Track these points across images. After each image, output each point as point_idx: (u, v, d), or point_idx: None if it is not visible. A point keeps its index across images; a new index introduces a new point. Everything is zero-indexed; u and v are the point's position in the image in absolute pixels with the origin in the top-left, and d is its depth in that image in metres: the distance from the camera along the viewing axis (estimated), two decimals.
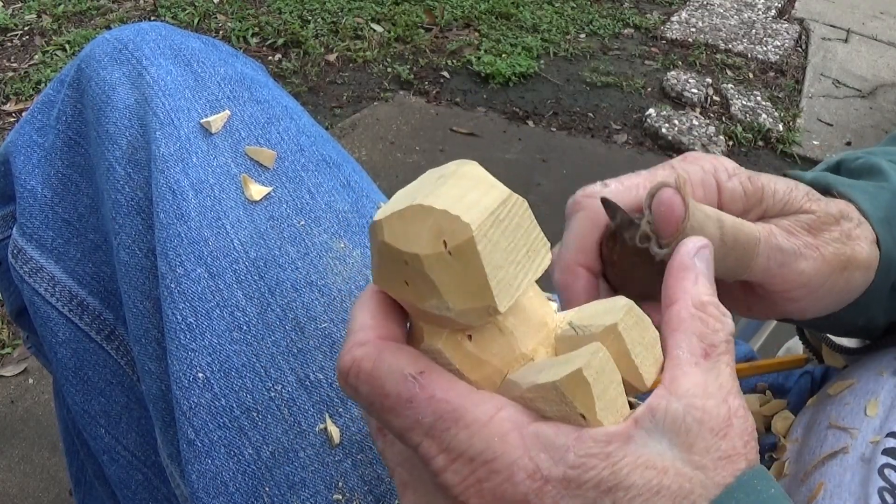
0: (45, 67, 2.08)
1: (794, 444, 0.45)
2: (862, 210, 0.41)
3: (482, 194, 0.28)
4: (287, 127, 0.54)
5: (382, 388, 0.29)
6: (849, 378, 0.46)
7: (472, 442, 0.28)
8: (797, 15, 3.05)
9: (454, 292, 0.28)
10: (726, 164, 0.38)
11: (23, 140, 0.59)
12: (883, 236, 0.40)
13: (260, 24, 2.41)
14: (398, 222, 0.28)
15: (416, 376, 0.28)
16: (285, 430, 0.44)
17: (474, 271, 0.27)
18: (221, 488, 0.44)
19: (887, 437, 0.40)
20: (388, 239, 0.28)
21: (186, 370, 0.45)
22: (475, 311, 0.28)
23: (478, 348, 0.30)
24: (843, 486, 0.39)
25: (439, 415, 0.28)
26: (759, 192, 0.38)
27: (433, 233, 0.27)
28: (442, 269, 0.27)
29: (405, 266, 0.28)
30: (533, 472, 0.27)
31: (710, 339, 0.30)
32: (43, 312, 0.56)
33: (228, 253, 0.48)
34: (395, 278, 0.29)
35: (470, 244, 0.27)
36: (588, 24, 2.77)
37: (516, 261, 0.29)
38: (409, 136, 2.04)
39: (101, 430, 0.56)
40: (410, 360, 0.29)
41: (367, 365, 0.29)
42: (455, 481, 0.28)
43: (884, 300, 0.43)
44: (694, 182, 0.37)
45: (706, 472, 0.28)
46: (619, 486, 0.27)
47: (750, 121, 2.25)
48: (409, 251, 0.28)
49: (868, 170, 0.45)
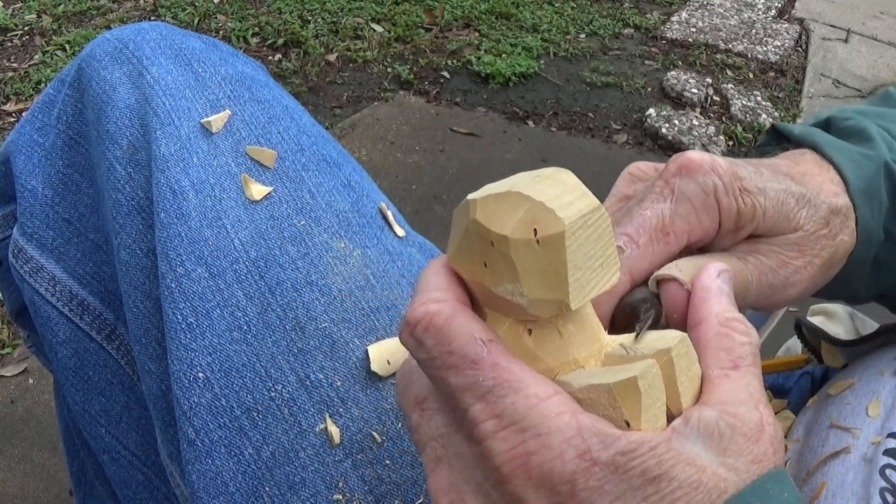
0: (45, 67, 2.08)
1: (796, 445, 0.45)
2: (844, 177, 0.41)
3: (576, 198, 0.30)
4: (287, 126, 0.54)
5: (450, 344, 0.29)
6: (849, 378, 0.46)
7: (529, 413, 0.28)
8: (797, 15, 3.05)
9: (532, 280, 0.29)
10: (722, 174, 0.38)
11: (23, 140, 0.59)
12: (861, 208, 0.41)
13: (260, 24, 2.41)
14: (493, 204, 0.29)
15: (486, 342, 0.29)
16: (285, 430, 0.44)
17: (557, 264, 0.29)
18: (222, 488, 0.44)
19: (888, 438, 0.40)
20: (480, 217, 0.29)
21: (187, 370, 0.45)
22: (547, 302, 0.29)
23: (535, 344, 0.31)
24: (846, 485, 0.39)
25: (500, 381, 0.28)
26: (751, 213, 0.38)
27: (526, 220, 0.29)
28: (527, 255, 0.29)
29: (489, 247, 0.29)
30: (584, 452, 0.27)
31: (737, 352, 0.31)
32: (43, 312, 0.56)
33: (229, 252, 0.48)
34: (475, 259, 0.30)
35: (559, 238, 0.28)
36: (588, 24, 2.77)
37: (592, 267, 0.30)
38: (409, 136, 2.04)
39: (102, 429, 0.56)
40: (482, 328, 0.30)
41: (439, 320, 0.29)
42: (502, 448, 0.28)
43: (865, 275, 0.43)
44: (696, 207, 0.38)
45: (738, 474, 0.28)
46: (664, 476, 0.27)
47: (750, 121, 2.25)
48: (500, 232, 0.29)
49: (858, 133, 0.44)
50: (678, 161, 0.39)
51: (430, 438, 0.31)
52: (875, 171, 0.42)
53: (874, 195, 0.41)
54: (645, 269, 0.37)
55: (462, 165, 1.94)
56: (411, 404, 0.32)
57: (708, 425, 0.29)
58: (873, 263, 0.42)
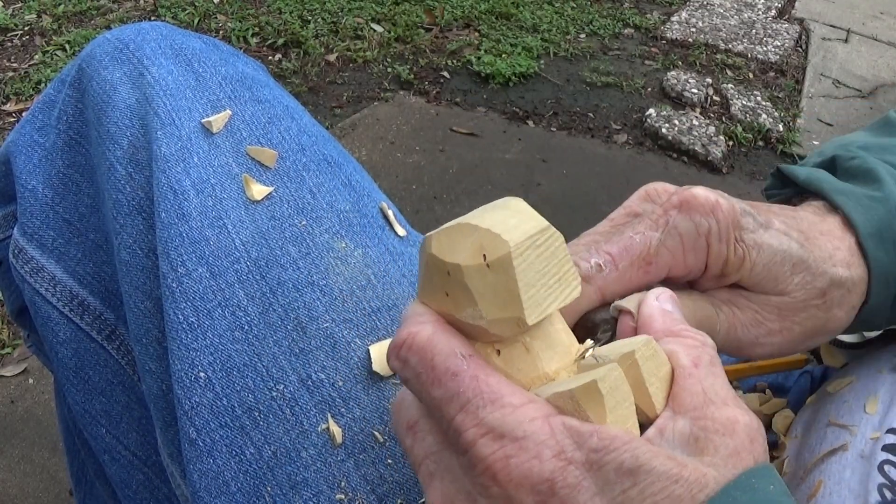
0: (45, 67, 2.08)
1: (794, 442, 0.45)
2: (853, 224, 0.41)
3: (523, 222, 0.32)
4: (288, 126, 0.54)
5: (432, 360, 0.31)
6: (848, 376, 0.46)
7: (505, 420, 0.29)
8: (797, 15, 3.05)
9: (488, 302, 0.31)
10: (721, 219, 0.38)
11: (24, 140, 0.59)
12: (873, 252, 0.40)
13: (260, 24, 2.41)
14: (446, 237, 0.32)
15: (466, 356, 0.31)
16: (287, 430, 0.44)
17: (508, 284, 0.31)
18: (223, 488, 0.44)
19: (887, 434, 0.40)
20: (436, 251, 0.32)
21: (188, 370, 0.45)
22: (505, 321, 0.31)
23: (504, 363, 0.32)
24: (843, 483, 0.39)
25: (478, 392, 0.30)
26: (739, 264, 0.39)
27: (475, 247, 0.31)
28: (480, 279, 0.31)
29: (447, 277, 0.31)
30: (559, 452, 0.29)
31: (693, 353, 0.32)
32: (43, 312, 0.56)
33: (230, 252, 0.48)
34: (438, 290, 0.32)
35: (507, 259, 0.30)
36: (588, 24, 2.77)
37: (548, 284, 0.32)
38: (409, 136, 2.04)
39: (102, 429, 0.56)
40: (463, 344, 0.31)
41: (421, 337, 0.31)
42: (485, 454, 0.29)
43: (886, 312, 0.43)
44: (685, 245, 0.38)
45: (718, 469, 0.29)
46: (641, 469, 0.28)
47: (750, 121, 2.25)
48: (453, 261, 0.31)
49: (864, 174, 0.44)
50: (682, 195, 0.39)
51: (424, 457, 0.33)
52: (885, 212, 0.41)
53: (886, 237, 0.41)
54: (618, 292, 0.38)
55: (462, 165, 1.94)
56: (404, 429, 0.34)
57: (683, 434, 0.30)
58: (894, 300, 0.42)
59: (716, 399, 0.31)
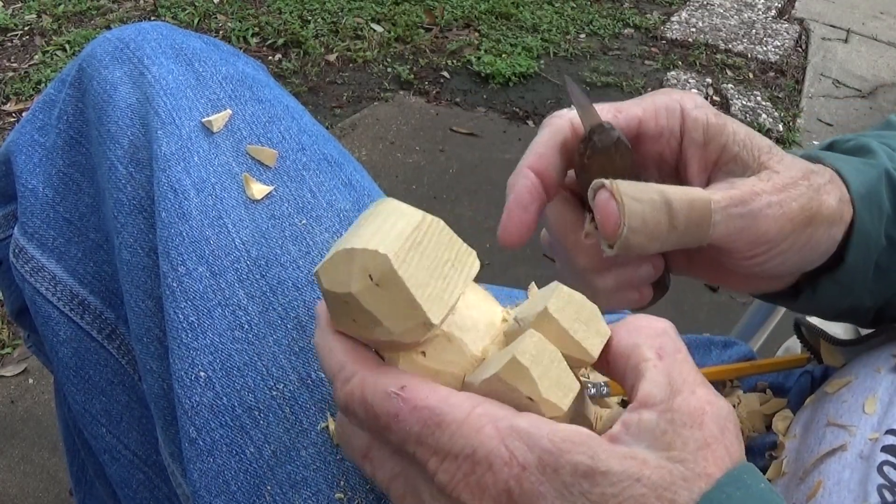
0: (45, 67, 2.08)
1: (793, 442, 0.45)
2: (845, 181, 0.41)
3: (396, 223, 0.31)
4: (288, 126, 0.54)
5: (373, 410, 0.31)
6: (846, 375, 0.46)
7: (454, 440, 0.29)
8: (797, 15, 3.05)
9: (391, 317, 0.31)
10: (695, 97, 0.40)
11: (24, 139, 0.59)
12: (862, 213, 0.40)
13: (260, 24, 2.41)
14: (331, 269, 0.31)
15: (398, 392, 0.31)
16: (287, 429, 0.44)
17: (401, 294, 0.30)
18: (223, 487, 0.44)
19: (886, 435, 0.40)
20: (327, 286, 0.32)
21: (188, 369, 0.45)
22: (414, 328, 0.31)
23: (432, 361, 0.33)
24: (842, 483, 0.39)
25: (423, 422, 0.30)
26: (722, 128, 0.39)
27: (360, 270, 0.31)
28: (375, 299, 0.31)
29: (347, 305, 0.31)
30: (509, 459, 0.28)
31: (655, 343, 0.32)
32: (44, 312, 0.56)
33: (230, 252, 0.48)
34: (344, 318, 0.32)
35: (391, 272, 0.30)
36: (588, 24, 2.77)
37: (443, 275, 0.32)
38: (409, 136, 2.04)
39: (103, 429, 0.56)
40: (391, 379, 0.31)
41: (357, 394, 0.32)
42: (446, 479, 0.29)
43: (868, 281, 0.43)
44: (657, 106, 0.39)
45: (686, 464, 0.28)
46: (597, 470, 0.28)
47: (750, 121, 2.25)
48: (344, 292, 0.31)
49: (858, 149, 0.45)
50: (664, 88, 0.41)
51: (390, 481, 0.33)
52: (876, 177, 0.42)
53: (874, 200, 0.41)
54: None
55: (462, 165, 1.94)
56: (359, 458, 0.35)
57: (649, 427, 0.29)
58: (876, 270, 0.42)
59: (683, 388, 0.30)
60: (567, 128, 0.40)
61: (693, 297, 1.61)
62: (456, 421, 0.29)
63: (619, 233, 0.35)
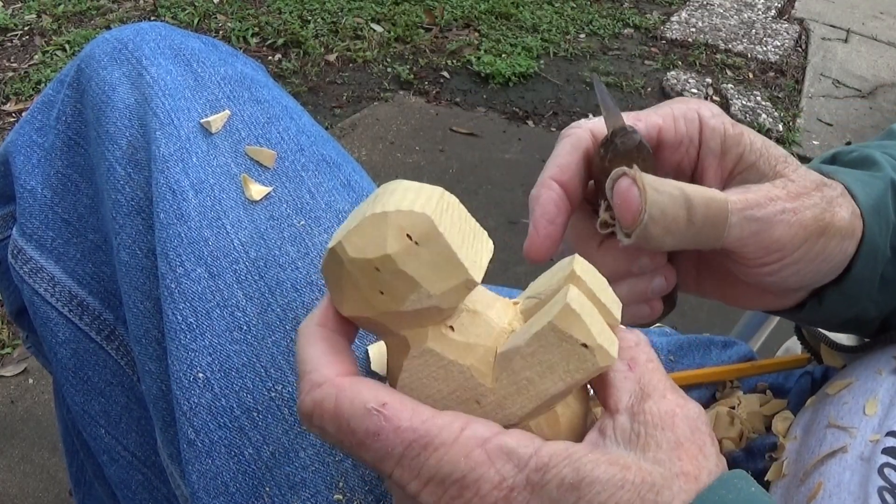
0: (45, 67, 2.08)
1: (794, 444, 0.45)
2: (853, 195, 0.41)
3: (418, 194, 0.31)
4: (287, 127, 0.54)
5: (349, 425, 0.29)
6: (847, 377, 0.46)
7: (441, 465, 0.29)
8: (797, 15, 3.05)
9: (431, 278, 0.30)
10: (713, 107, 0.40)
11: (23, 140, 0.59)
12: (870, 224, 0.41)
13: (260, 24, 2.41)
14: (358, 237, 0.30)
15: (380, 409, 0.29)
16: (286, 430, 0.44)
17: (444, 251, 0.30)
18: (222, 488, 0.44)
19: (887, 437, 0.40)
20: (354, 254, 0.30)
21: (187, 370, 0.45)
22: (455, 289, 0.30)
23: (463, 335, 0.32)
24: (842, 485, 0.39)
25: (407, 444, 0.29)
26: (739, 137, 0.39)
27: (395, 232, 0.29)
28: (414, 260, 0.30)
29: (377, 274, 0.30)
30: (499, 482, 0.28)
31: (627, 355, 0.32)
32: (43, 313, 0.56)
33: (229, 253, 0.48)
34: (368, 294, 0.31)
35: (432, 229, 0.29)
36: (588, 24, 2.77)
37: (470, 242, 0.31)
38: (409, 136, 2.04)
39: (101, 430, 0.56)
40: (371, 393, 0.30)
41: (328, 405, 0.30)
42: (431, 501, 0.29)
43: (873, 292, 0.43)
44: (675, 114, 0.40)
45: (663, 465, 0.29)
46: (583, 481, 0.28)
47: (750, 121, 2.25)
48: (379, 255, 0.29)
49: (862, 161, 0.45)
50: (681, 97, 0.41)
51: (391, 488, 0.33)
52: (882, 189, 0.42)
53: (882, 212, 0.41)
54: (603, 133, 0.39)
55: (462, 165, 1.94)
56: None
57: (624, 431, 0.30)
58: (881, 281, 0.42)
59: (653, 393, 0.31)
60: (588, 138, 0.40)
61: (693, 298, 1.61)
62: (444, 444, 0.29)
63: (640, 219, 0.35)
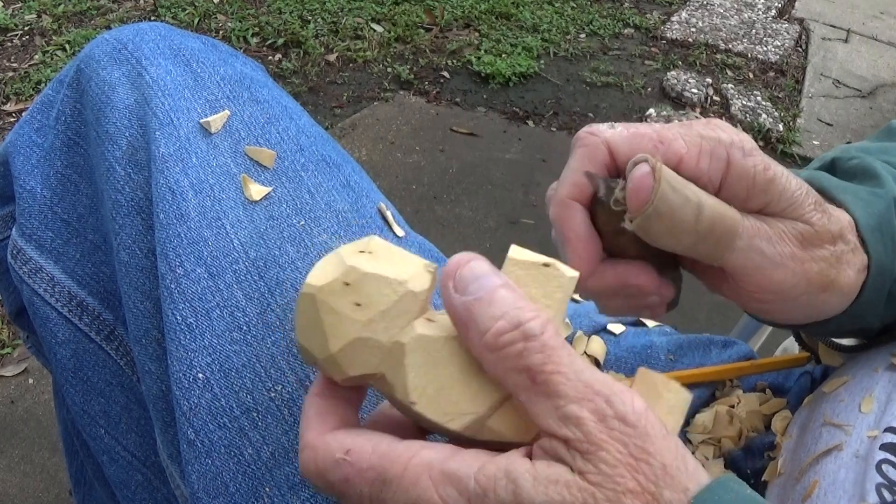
0: (45, 67, 2.08)
1: (790, 442, 0.45)
2: (854, 217, 0.40)
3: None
4: (287, 127, 0.54)
5: (327, 480, 0.32)
6: (843, 375, 0.46)
7: (396, 497, 0.30)
8: (797, 15, 3.05)
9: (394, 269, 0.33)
10: (745, 141, 0.37)
11: (22, 140, 0.59)
12: (874, 245, 0.40)
13: (260, 24, 2.41)
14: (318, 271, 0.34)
15: (345, 457, 0.31)
16: (285, 431, 0.44)
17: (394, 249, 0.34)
18: (221, 489, 0.44)
19: (885, 432, 0.40)
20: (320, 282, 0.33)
21: (186, 370, 0.45)
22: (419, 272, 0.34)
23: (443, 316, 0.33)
24: (838, 483, 0.39)
25: (369, 482, 0.31)
26: (768, 185, 0.37)
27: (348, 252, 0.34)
28: (372, 261, 0.33)
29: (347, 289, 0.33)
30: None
31: (523, 363, 0.30)
32: (42, 313, 0.56)
33: (228, 253, 0.48)
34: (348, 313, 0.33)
35: (378, 239, 0.34)
36: (588, 24, 2.77)
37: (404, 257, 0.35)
38: (409, 136, 2.04)
39: (101, 430, 0.56)
40: (337, 443, 0.32)
41: (311, 466, 0.33)
42: None
43: (880, 309, 0.42)
44: (702, 147, 0.37)
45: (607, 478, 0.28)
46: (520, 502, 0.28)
47: (750, 121, 2.25)
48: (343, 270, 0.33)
49: (863, 172, 0.44)
50: (711, 119, 0.38)
51: None
52: (885, 207, 0.41)
53: (886, 231, 0.41)
54: (623, 151, 0.37)
55: (462, 165, 1.94)
56: None
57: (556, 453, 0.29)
58: (888, 297, 0.42)
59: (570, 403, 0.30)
60: (603, 153, 0.38)
61: (693, 297, 1.61)
62: (397, 476, 0.30)
63: (645, 210, 0.35)
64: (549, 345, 0.30)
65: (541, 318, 0.30)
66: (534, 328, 0.30)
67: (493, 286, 0.31)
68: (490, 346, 0.30)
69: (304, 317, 0.33)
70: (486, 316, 0.30)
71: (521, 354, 0.30)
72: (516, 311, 0.30)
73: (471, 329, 0.31)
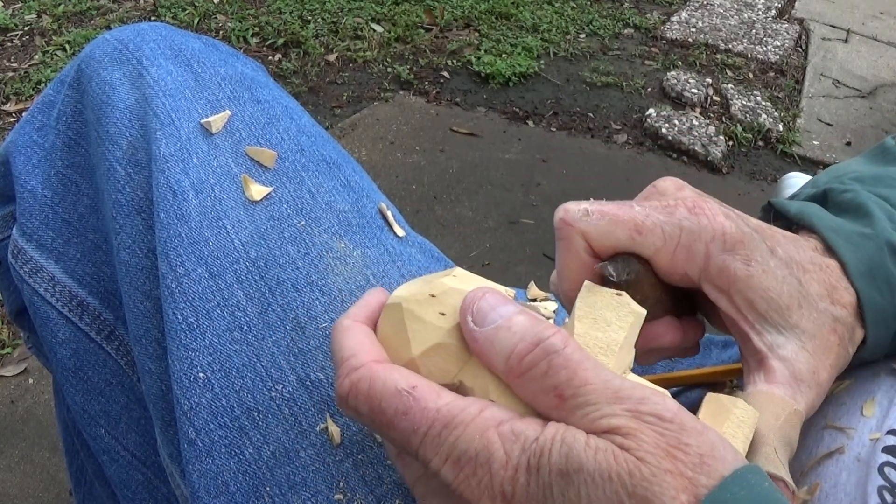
0: (45, 67, 2.08)
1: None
2: (843, 263, 0.40)
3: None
4: (287, 127, 0.54)
5: (380, 405, 0.32)
6: (845, 378, 0.46)
7: (458, 443, 0.30)
8: (797, 15, 3.05)
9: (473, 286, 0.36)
10: (729, 234, 0.37)
11: (23, 140, 0.59)
12: (865, 291, 0.40)
13: (260, 25, 2.41)
14: (405, 290, 0.36)
15: (410, 390, 0.32)
16: (286, 430, 0.44)
17: (472, 276, 0.37)
18: (222, 488, 0.44)
19: (887, 435, 0.40)
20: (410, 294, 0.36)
21: (187, 370, 0.45)
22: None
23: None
24: (839, 486, 0.39)
25: (431, 423, 0.31)
26: (749, 281, 0.37)
27: (435, 276, 0.37)
28: (455, 281, 0.36)
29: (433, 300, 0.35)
30: (506, 462, 0.30)
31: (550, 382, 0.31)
32: (43, 313, 0.56)
33: (229, 253, 0.48)
34: (432, 320, 0.35)
35: (461, 270, 0.37)
36: (588, 24, 2.77)
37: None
38: (409, 136, 2.04)
39: (101, 430, 0.56)
40: (402, 377, 0.33)
41: (364, 386, 0.33)
42: (451, 478, 0.31)
43: (886, 350, 0.42)
44: (680, 244, 0.37)
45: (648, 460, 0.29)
46: (573, 469, 0.29)
47: (750, 121, 2.25)
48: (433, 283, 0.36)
49: (856, 209, 0.43)
50: (696, 200, 0.38)
51: (414, 481, 0.35)
52: (875, 250, 0.40)
53: (879, 276, 0.40)
54: (601, 244, 0.38)
55: (462, 165, 1.94)
56: (394, 457, 0.37)
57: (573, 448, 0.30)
58: (894, 338, 0.42)
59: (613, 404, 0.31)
60: (581, 243, 0.38)
61: None
62: (464, 423, 0.31)
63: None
64: (574, 359, 0.31)
65: (561, 333, 0.31)
66: (555, 343, 0.31)
67: (511, 313, 0.32)
68: (515, 370, 0.31)
69: (389, 325, 0.35)
70: (507, 342, 0.32)
71: (546, 374, 0.31)
72: (536, 331, 0.31)
73: (493, 358, 0.32)
